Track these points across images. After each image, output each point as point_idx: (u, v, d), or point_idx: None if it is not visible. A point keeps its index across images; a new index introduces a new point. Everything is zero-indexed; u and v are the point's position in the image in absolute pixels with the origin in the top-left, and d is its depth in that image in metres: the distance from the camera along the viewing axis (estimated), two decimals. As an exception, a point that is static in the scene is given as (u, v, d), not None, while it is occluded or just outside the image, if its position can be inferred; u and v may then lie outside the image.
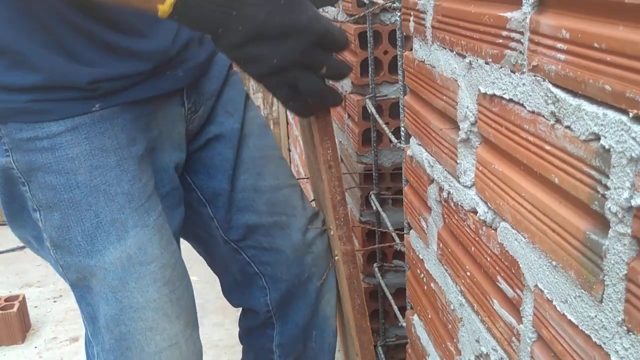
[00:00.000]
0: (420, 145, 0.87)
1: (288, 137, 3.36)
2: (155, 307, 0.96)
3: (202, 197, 1.14)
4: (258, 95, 3.45)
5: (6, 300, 2.30)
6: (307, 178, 1.30)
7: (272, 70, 0.80)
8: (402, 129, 0.97)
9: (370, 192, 1.35)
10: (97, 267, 0.93)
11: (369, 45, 1.24)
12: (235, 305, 1.26)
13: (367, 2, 1.16)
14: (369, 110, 1.26)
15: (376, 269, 1.35)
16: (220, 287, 1.26)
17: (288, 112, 3.32)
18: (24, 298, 2.34)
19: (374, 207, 1.32)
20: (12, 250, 3.01)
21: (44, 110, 0.89)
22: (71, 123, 0.90)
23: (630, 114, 0.39)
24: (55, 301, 2.57)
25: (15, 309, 2.23)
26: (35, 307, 2.53)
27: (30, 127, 0.89)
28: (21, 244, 3.02)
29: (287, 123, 3.41)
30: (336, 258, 0.98)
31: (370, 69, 1.25)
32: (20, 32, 0.87)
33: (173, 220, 1.05)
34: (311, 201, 1.25)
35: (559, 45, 0.47)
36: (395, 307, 1.21)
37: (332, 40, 0.83)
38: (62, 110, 0.90)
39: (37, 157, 0.91)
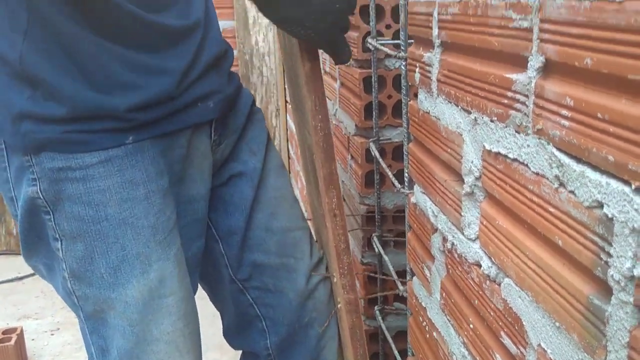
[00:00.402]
0: (424, 193, 0.88)
1: (287, 154, 3.37)
2: (168, 340, 0.96)
3: (215, 234, 1.15)
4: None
5: (4, 332, 2.29)
6: (310, 219, 1.30)
7: (335, 21, 0.89)
8: (406, 175, 0.99)
9: (373, 234, 1.35)
10: (117, 300, 0.93)
11: (373, 89, 1.26)
12: (235, 347, 1.26)
13: (372, 48, 1.19)
14: (373, 154, 1.27)
15: (377, 312, 1.35)
16: (219, 324, 1.26)
17: (290, 146, 3.34)
18: (21, 331, 2.33)
19: (376, 250, 1.32)
20: (11, 280, 3.01)
21: (79, 141, 0.90)
22: (105, 155, 0.91)
23: (633, 186, 0.40)
24: (52, 334, 2.56)
25: (12, 341, 2.21)
26: (33, 339, 2.51)
27: (63, 157, 0.91)
28: (20, 275, 3.02)
29: (289, 157, 3.43)
30: (339, 306, 0.98)
31: (374, 113, 1.27)
32: (54, 63, 0.88)
33: (189, 252, 1.06)
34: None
35: (564, 111, 0.49)
36: (395, 351, 1.21)
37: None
38: (97, 142, 0.91)
39: (67, 187, 0.91)
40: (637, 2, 0.39)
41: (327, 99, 1.76)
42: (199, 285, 1.17)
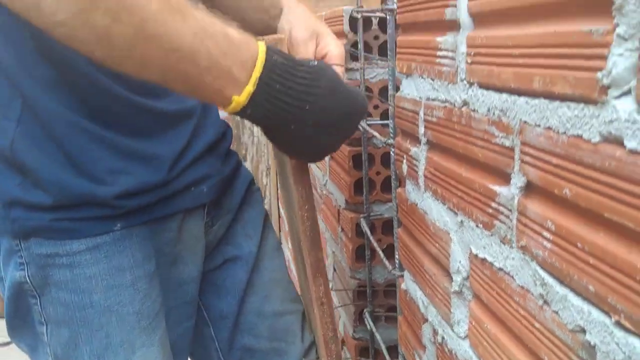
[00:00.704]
0: (414, 282, 0.89)
1: (279, 230, 3.37)
2: None
3: (207, 317, 1.14)
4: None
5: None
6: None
7: (336, 148, 0.86)
8: (397, 258, 1.00)
9: (364, 310, 1.36)
10: None
11: (363, 167, 1.28)
12: None
13: (362, 130, 1.21)
14: (363, 230, 1.28)
15: (370, 388, 1.34)
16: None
17: (280, 206, 3.34)
18: (8, 400, 2.28)
19: (368, 326, 1.32)
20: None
21: (66, 229, 0.91)
22: (92, 242, 0.91)
23: (613, 319, 0.42)
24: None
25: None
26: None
27: (51, 243, 0.91)
28: (7, 340, 2.97)
29: (279, 216, 3.43)
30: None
31: (364, 190, 1.29)
32: (43, 151, 0.89)
33: (176, 334, 1.05)
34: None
35: (545, 233, 0.50)
36: None
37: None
38: (84, 229, 0.91)
39: (55, 273, 0.91)
40: (611, 146, 0.41)
41: (318, 168, 1.79)
42: None
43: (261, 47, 0.72)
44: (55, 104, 0.87)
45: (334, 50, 0.92)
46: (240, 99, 0.70)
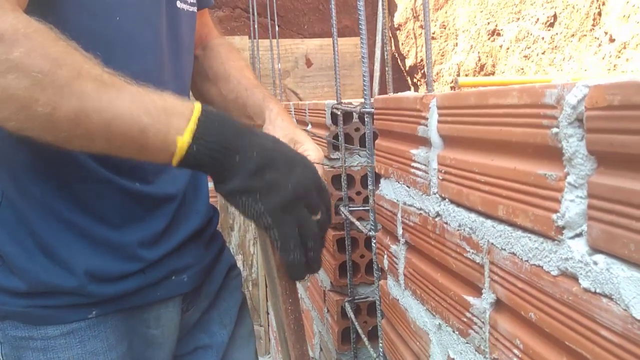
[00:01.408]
0: (397, 375, 0.91)
1: (267, 300, 3.37)
2: None
3: None
4: (238, 257, 3.50)
5: None
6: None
7: (288, 198, 0.77)
8: (380, 348, 1.02)
9: (351, 394, 1.36)
10: None
11: (347, 251, 1.31)
12: None
13: (344, 215, 1.25)
14: (348, 315, 1.30)
15: None
16: None
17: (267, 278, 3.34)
18: None
19: (354, 410, 1.33)
20: None
21: (42, 316, 0.92)
22: (67, 328, 0.93)
23: None
24: None
25: None
26: None
27: (26, 327, 0.92)
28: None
29: (266, 285, 3.43)
30: None
31: (348, 274, 1.32)
32: (17, 239, 0.91)
33: None
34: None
35: (515, 351, 0.53)
36: None
37: (324, 187, 0.83)
38: (59, 317, 0.93)
39: (28, 355, 0.93)
40: (569, 281, 0.45)
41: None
42: None
43: (196, 102, 0.77)
44: (34, 188, 0.90)
45: (312, 155, 0.96)
46: (184, 138, 0.73)
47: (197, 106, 0.76)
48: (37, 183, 0.90)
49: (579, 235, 0.44)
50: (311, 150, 0.97)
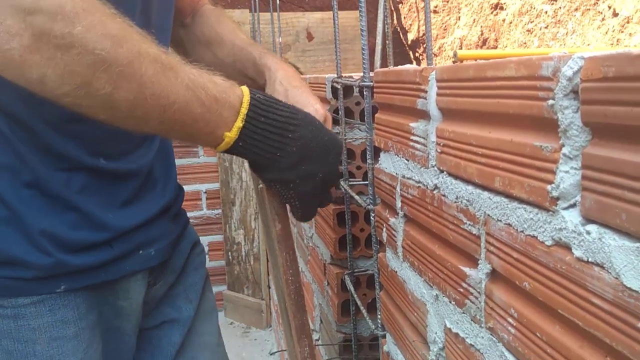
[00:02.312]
0: (395, 345, 0.93)
1: (268, 274, 3.39)
2: None
3: None
4: (240, 231, 3.52)
5: None
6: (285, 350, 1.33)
7: (319, 186, 0.86)
8: (379, 319, 1.03)
9: (350, 364, 1.38)
10: None
11: (347, 224, 1.32)
12: None
13: (344, 189, 1.26)
14: (348, 287, 1.32)
15: None
16: None
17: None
18: None
19: (354, 380, 1.35)
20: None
21: (11, 286, 0.93)
22: (37, 298, 0.94)
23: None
24: None
25: None
26: None
27: None
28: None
29: (267, 260, 3.45)
30: None
31: (348, 247, 1.33)
32: None
33: None
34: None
35: (510, 319, 0.54)
36: None
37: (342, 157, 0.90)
38: (29, 288, 0.93)
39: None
40: (562, 251, 0.45)
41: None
42: None
43: (244, 89, 0.80)
44: (7, 159, 0.90)
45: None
46: (231, 134, 0.78)
47: (246, 96, 0.79)
48: (6, 153, 0.90)
49: (572, 205, 0.44)
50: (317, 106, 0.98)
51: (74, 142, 0.92)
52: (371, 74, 0.99)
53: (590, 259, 0.42)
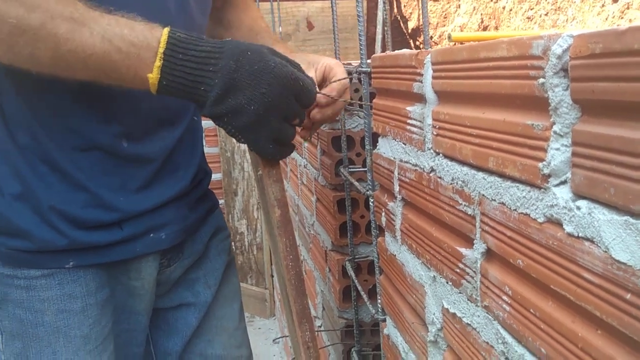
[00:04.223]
0: (395, 327, 0.94)
1: (271, 264, 3.41)
2: None
3: (152, 351, 1.18)
4: (242, 221, 3.53)
5: None
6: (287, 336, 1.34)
7: (253, 119, 0.81)
8: (379, 304, 1.04)
9: (352, 349, 1.40)
10: None
11: (347, 212, 1.33)
12: None
13: (343, 176, 1.27)
14: (349, 273, 1.33)
15: None
16: None
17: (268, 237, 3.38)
18: None
19: (356, 365, 1.36)
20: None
21: (24, 259, 0.97)
22: (47, 271, 0.97)
23: (562, 381, 0.47)
24: None
25: None
26: None
27: (12, 267, 0.97)
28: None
29: (271, 262, 3.47)
30: None
31: (349, 233, 1.34)
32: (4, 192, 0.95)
33: (122, 355, 1.09)
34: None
35: (504, 297, 0.55)
36: None
37: (303, 89, 0.83)
38: (39, 262, 0.97)
39: (12, 292, 0.97)
40: (554, 227, 0.46)
41: (305, 208, 1.83)
42: None
43: (165, 30, 0.80)
44: (22, 136, 0.93)
45: (335, 68, 0.98)
46: (153, 75, 0.79)
47: (164, 36, 0.79)
48: (24, 130, 0.93)
49: (563, 182, 0.45)
50: (333, 63, 0.99)
51: (98, 120, 0.93)
52: (369, 60, 0.99)
53: (580, 234, 0.43)
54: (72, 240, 0.95)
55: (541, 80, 0.45)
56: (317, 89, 0.93)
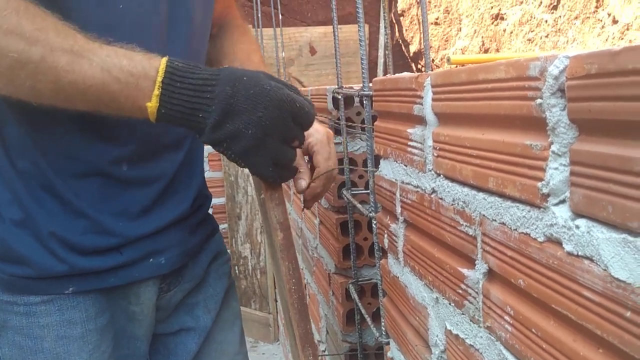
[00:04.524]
0: (399, 350, 0.94)
1: (275, 288, 3.39)
2: None
3: None
4: (246, 245, 3.53)
5: None
6: None
7: (252, 143, 0.82)
8: (383, 327, 1.04)
9: (356, 373, 1.39)
10: None
11: (350, 234, 1.33)
12: None
13: (346, 199, 1.27)
14: (352, 296, 1.33)
15: None
16: None
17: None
18: None
19: (360, 389, 1.35)
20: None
21: (23, 286, 0.97)
22: (47, 297, 0.97)
23: (565, 401, 0.46)
24: None
25: None
26: None
27: (10, 294, 0.97)
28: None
29: (275, 286, 3.46)
30: None
31: (352, 256, 1.34)
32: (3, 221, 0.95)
33: None
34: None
35: (507, 317, 0.55)
36: None
37: (300, 111, 0.84)
38: (39, 288, 0.97)
39: (12, 318, 0.97)
40: (554, 246, 0.46)
41: (308, 231, 1.83)
42: None
43: (163, 59, 0.81)
44: (22, 161, 0.93)
45: (319, 151, 1.00)
46: (152, 103, 0.80)
47: (162, 65, 0.80)
48: (24, 157, 0.94)
49: (562, 201, 0.45)
50: (320, 148, 1.00)
51: (99, 145, 0.94)
52: (370, 84, 1.00)
53: (580, 253, 0.43)
54: (71, 266, 0.95)
55: (539, 100, 0.46)
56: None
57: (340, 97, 1.19)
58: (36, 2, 0.78)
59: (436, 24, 3.16)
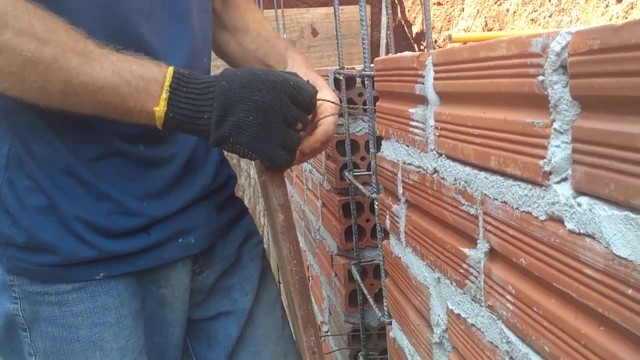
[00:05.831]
0: (401, 330, 0.94)
1: (277, 269, 3.40)
2: None
3: None
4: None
5: None
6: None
7: (255, 129, 0.85)
8: (385, 308, 1.04)
9: (359, 353, 1.39)
10: None
11: (352, 216, 1.33)
12: None
13: (348, 180, 1.27)
14: (355, 277, 1.33)
15: None
16: None
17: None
18: None
19: (363, 369, 1.36)
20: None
21: (53, 274, 0.95)
22: (78, 284, 0.96)
23: (566, 379, 0.47)
24: None
25: None
26: None
27: (41, 284, 0.96)
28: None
29: (278, 269, 3.46)
30: None
31: (354, 237, 1.34)
32: (18, 198, 0.95)
33: None
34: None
35: (508, 296, 0.55)
36: None
37: (296, 90, 0.86)
38: (68, 275, 0.96)
39: (44, 309, 0.96)
40: (555, 224, 0.46)
41: (311, 213, 1.84)
42: None
43: (170, 67, 0.84)
44: (39, 148, 0.93)
45: (329, 106, 0.99)
46: (160, 107, 0.83)
47: (170, 71, 0.83)
48: (40, 143, 0.93)
49: (564, 179, 0.45)
50: (328, 97, 0.98)
51: (112, 126, 0.93)
52: (372, 64, 0.99)
53: (581, 231, 0.43)
54: (100, 250, 0.94)
55: (540, 77, 0.45)
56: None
57: (341, 77, 1.18)
58: (42, 5, 0.79)
59: (439, 4, 3.14)
